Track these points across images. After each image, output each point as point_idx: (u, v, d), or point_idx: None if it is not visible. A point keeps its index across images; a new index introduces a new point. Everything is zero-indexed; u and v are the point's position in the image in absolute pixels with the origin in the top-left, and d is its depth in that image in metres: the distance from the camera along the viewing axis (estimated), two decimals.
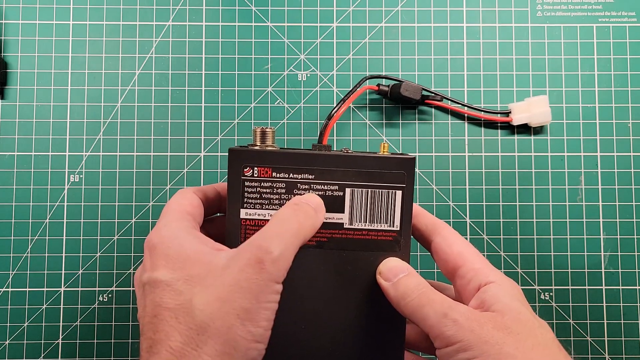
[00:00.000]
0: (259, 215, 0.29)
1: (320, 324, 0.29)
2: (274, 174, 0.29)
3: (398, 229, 0.29)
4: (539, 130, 0.44)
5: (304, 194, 0.29)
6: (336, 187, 0.29)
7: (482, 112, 0.44)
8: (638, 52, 0.45)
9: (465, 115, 0.44)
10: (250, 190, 0.29)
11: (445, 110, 0.44)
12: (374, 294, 0.29)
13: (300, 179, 0.29)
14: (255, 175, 0.29)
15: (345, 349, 0.29)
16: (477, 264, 0.28)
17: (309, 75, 0.44)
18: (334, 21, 0.45)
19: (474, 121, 0.44)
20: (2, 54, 0.44)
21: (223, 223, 0.30)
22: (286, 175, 0.29)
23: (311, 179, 0.29)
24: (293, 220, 0.26)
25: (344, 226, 0.29)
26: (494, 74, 0.45)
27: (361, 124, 0.44)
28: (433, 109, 0.44)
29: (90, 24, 0.44)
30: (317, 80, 0.44)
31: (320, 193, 0.29)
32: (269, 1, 0.45)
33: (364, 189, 0.29)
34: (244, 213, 0.29)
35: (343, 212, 0.29)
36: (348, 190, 0.29)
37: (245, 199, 0.29)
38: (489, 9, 0.45)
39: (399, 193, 0.29)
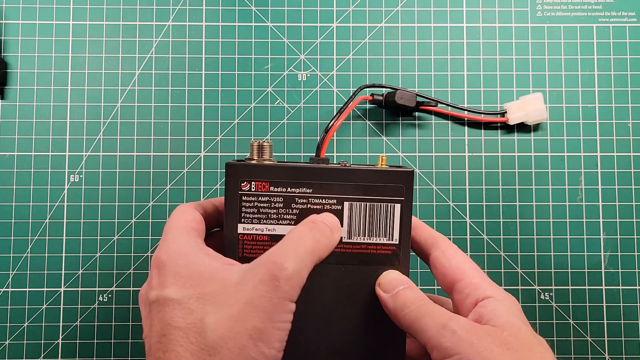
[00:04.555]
0: (256, 230, 0.29)
1: (320, 339, 0.28)
2: (271, 188, 0.29)
3: (397, 242, 0.29)
4: (538, 130, 0.44)
5: (306, 207, 0.29)
6: (334, 201, 0.29)
7: (478, 114, 0.44)
8: (638, 52, 0.45)
9: (464, 117, 0.44)
10: (247, 204, 0.29)
11: (441, 115, 0.44)
12: (373, 308, 0.28)
13: (298, 192, 0.29)
14: (252, 190, 0.29)
15: None
16: (475, 279, 0.28)
17: (309, 75, 0.44)
18: (334, 21, 0.45)
19: (474, 121, 0.44)
20: (2, 54, 0.44)
21: (222, 238, 0.29)
22: (284, 190, 0.29)
23: (309, 193, 0.29)
24: (309, 237, 0.26)
25: (343, 240, 0.29)
26: (493, 74, 0.45)
27: (361, 124, 0.44)
28: (433, 114, 0.44)
29: (90, 24, 0.44)
30: (317, 80, 0.44)
31: (318, 207, 0.29)
32: (269, 1, 0.45)
33: (362, 203, 0.29)
34: (241, 228, 0.29)
35: (342, 226, 0.29)
36: (346, 204, 0.29)
37: (242, 214, 0.29)
38: (489, 9, 0.45)
39: (397, 206, 0.29)
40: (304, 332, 0.28)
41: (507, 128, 0.44)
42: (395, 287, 0.28)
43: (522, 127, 0.44)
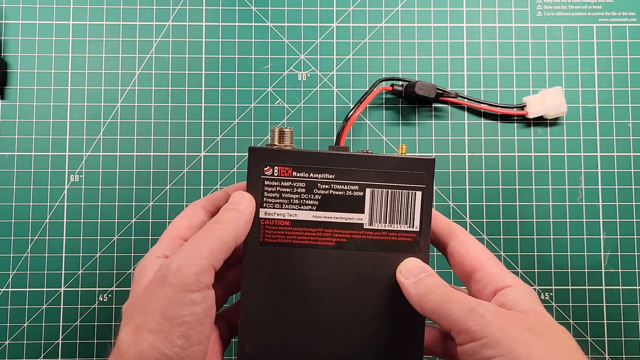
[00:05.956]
0: (278, 215, 0.29)
1: (339, 326, 0.28)
2: (294, 174, 0.29)
3: (418, 230, 0.29)
4: (539, 130, 0.44)
5: (328, 193, 0.29)
6: (356, 187, 0.29)
7: (498, 107, 0.44)
8: (638, 52, 0.45)
9: (465, 114, 0.44)
10: (270, 189, 0.29)
11: (460, 106, 0.44)
12: (393, 295, 0.28)
13: (320, 178, 0.29)
14: (275, 175, 0.29)
15: (363, 351, 0.29)
16: (494, 268, 0.28)
17: (309, 75, 0.44)
18: (334, 21, 0.45)
19: (475, 120, 0.44)
20: (2, 54, 0.44)
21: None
22: (306, 175, 0.29)
23: (331, 179, 0.29)
24: (200, 233, 0.26)
25: (364, 227, 0.29)
26: (494, 74, 0.45)
27: (362, 124, 0.44)
28: (433, 107, 0.44)
29: (90, 24, 0.44)
30: (317, 80, 0.44)
31: (340, 193, 0.29)
32: (269, 1, 0.45)
33: (384, 189, 0.29)
34: (263, 212, 0.29)
35: (363, 213, 0.29)
36: (368, 191, 0.29)
37: (264, 198, 0.29)
38: (489, 9, 0.45)
39: (418, 194, 0.29)
40: (323, 318, 0.28)
41: (508, 127, 0.44)
42: (417, 274, 0.28)
43: (523, 127, 0.44)
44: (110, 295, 0.43)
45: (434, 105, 0.44)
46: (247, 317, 0.28)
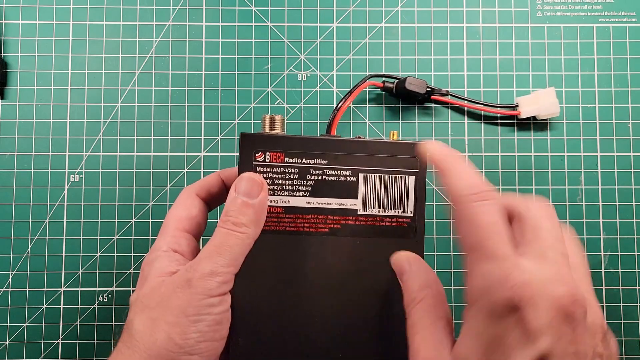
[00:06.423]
0: (270, 201, 0.28)
1: (333, 314, 0.28)
2: (286, 159, 0.28)
3: (412, 214, 0.29)
4: (539, 130, 0.44)
5: (321, 178, 0.28)
6: (349, 173, 0.29)
7: (490, 107, 0.44)
8: (638, 52, 0.45)
9: (465, 114, 0.44)
10: (261, 175, 0.28)
11: (451, 105, 0.44)
12: (388, 282, 0.28)
13: (313, 164, 0.28)
14: (267, 161, 0.28)
15: (358, 339, 0.28)
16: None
17: (309, 75, 0.44)
18: (334, 21, 0.45)
19: (475, 120, 0.44)
20: (2, 54, 0.44)
21: None
22: (299, 161, 0.28)
23: (324, 164, 0.28)
24: (218, 238, 0.26)
25: (358, 212, 0.29)
26: (494, 74, 0.45)
27: (362, 124, 0.44)
28: (433, 107, 0.44)
29: (90, 24, 0.44)
30: (317, 80, 0.44)
31: (333, 179, 0.29)
32: (269, 1, 0.45)
33: (377, 174, 0.29)
34: None
35: (357, 198, 0.29)
36: (361, 176, 0.29)
37: None
38: (489, 9, 0.45)
39: (412, 178, 0.29)
40: (318, 306, 0.28)
41: (508, 127, 0.44)
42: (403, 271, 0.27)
43: (523, 126, 0.44)
44: (110, 296, 0.43)
45: (433, 105, 0.44)
46: (240, 308, 0.28)
